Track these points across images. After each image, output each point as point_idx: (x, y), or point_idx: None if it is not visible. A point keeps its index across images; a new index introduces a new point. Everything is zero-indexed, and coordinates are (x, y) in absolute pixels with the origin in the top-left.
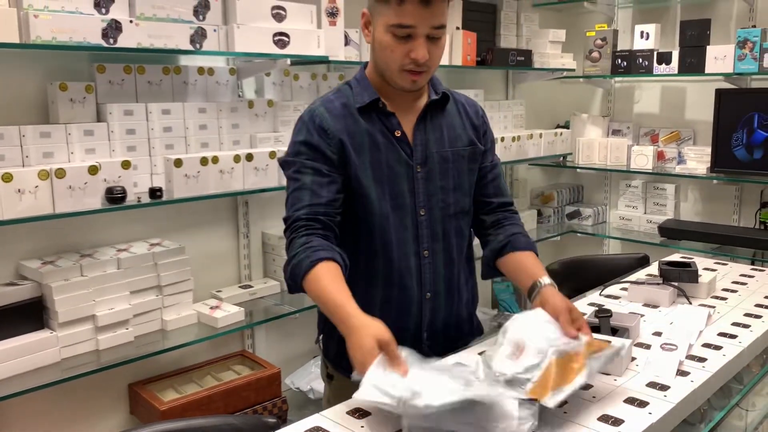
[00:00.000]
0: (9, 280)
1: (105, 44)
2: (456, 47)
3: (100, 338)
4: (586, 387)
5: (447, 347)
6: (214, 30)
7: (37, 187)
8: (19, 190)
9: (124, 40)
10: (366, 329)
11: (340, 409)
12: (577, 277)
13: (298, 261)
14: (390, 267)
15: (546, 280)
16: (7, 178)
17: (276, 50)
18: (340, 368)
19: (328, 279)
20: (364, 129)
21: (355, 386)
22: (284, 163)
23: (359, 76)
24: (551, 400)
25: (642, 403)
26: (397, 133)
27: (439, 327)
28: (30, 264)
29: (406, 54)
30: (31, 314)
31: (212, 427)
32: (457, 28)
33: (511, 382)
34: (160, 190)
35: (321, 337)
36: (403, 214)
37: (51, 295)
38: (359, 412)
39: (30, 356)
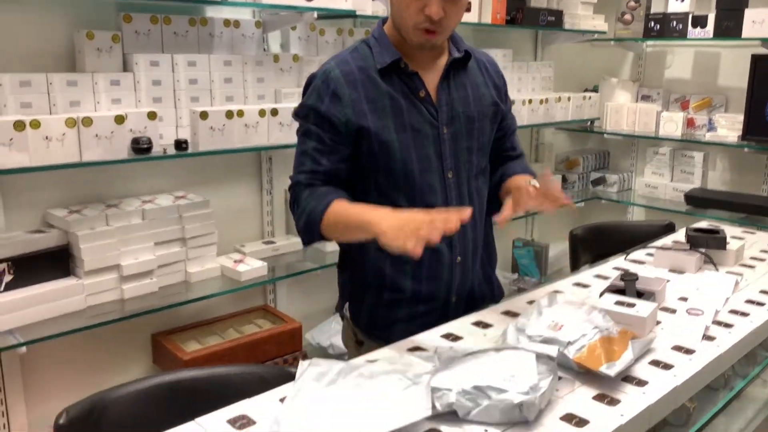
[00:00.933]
0: (36, 227)
1: None
2: (486, 4)
3: (124, 287)
4: None
5: (475, 307)
6: None
7: (64, 134)
8: (46, 138)
9: None
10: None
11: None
12: (601, 243)
13: (311, 209)
14: None
15: (521, 178)
16: (35, 124)
17: (302, 3)
18: (373, 335)
19: (345, 207)
20: (386, 92)
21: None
22: (295, 118)
23: (377, 34)
24: (611, 370)
25: (667, 366)
26: (421, 94)
27: (467, 290)
28: (57, 212)
29: (420, 10)
30: (58, 262)
31: (236, 376)
32: None
33: (548, 341)
34: (185, 142)
35: (348, 305)
36: (431, 177)
37: (77, 244)
38: None
39: (56, 303)
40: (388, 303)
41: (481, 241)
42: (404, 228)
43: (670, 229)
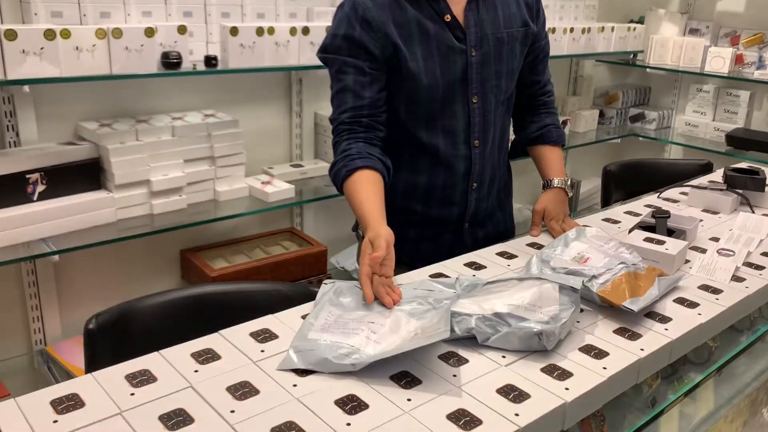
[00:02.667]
0: (68, 139)
1: None
2: None
3: (154, 203)
4: None
5: (485, 237)
6: None
7: (94, 45)
8: (77, 48)
9: None
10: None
11: None
12: (635, 180)
13: (337, 169)
14: (437, 157)
15: (556, 182)
16: (66, 34)
17: None
18: None
19: (361, 187)
20: (413, 17)
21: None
22: (325, 60)
23: None
24: (634, 305)
25: (692, 304)
26: (447, 18)
27: (481, 217)
28: (88, 125)
29: None
30: (89, 174)
31: (260, 292)
32: None
33: (573, 273)
34: (215, 58)
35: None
36: (455, 102)
37: (108, 157)
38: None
39: (87, 214)
40: (398, 223)
41: (499, 169)
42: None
43: (707, 168)
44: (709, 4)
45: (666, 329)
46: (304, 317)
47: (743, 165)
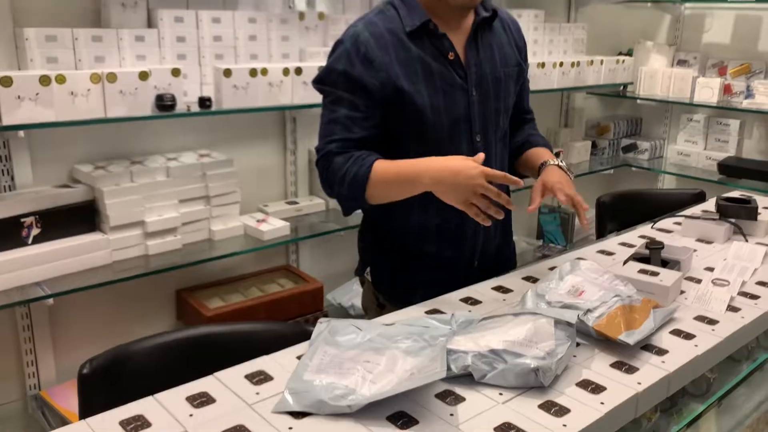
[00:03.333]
0: (63, 182)
1: None
2: None
3: (149, 244)
4: None
5: (495, 272)
6: None
7: (89, 90)
8: (72, 93)
9: None
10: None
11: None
12: (630, 210)
13: (354, 173)
14: None
15: (552, 161)
16: (61, 79)
17: None
18: (394, 299)
19: (390, 164)
20: (417, 55)
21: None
22: (320, 90)
23: None
24: (630, 338)
25: (688, 336)
26: (451, 56)
27: (490, 252)
28: (83, 168)
29: None
30: (84, 217)
31: (256, 332)
32: None
33: (569, 307)
34: (209, 99)
35: (369, 268)
36: (459, 140)
37: (103, 199)
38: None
39: (82, 257)
40: (411, 267)
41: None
42: (457, 188)
43: (700, 198)
44: (696, 36)
45: (663, 362)
46: (299, 357)
47: (735, 194)
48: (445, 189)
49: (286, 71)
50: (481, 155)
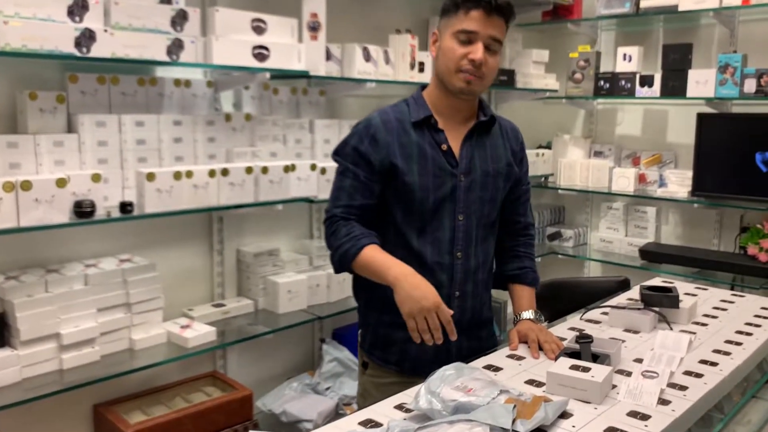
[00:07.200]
0: None
1: (78, 53)
2: None
3: (64, 357)
4: (565, 415)
5: (469, 348)
6: (192, 41)
7: (1, 199)
8: None
9: (98, 50)
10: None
11: None
12: (558, 299)
13: (345, 250)
14: (425, 263)
15: (526, 314)
16: None
17: (255, 63)
18: (374, 356)
19: (375, 254)
20: (415, 141)
21: (388, 374)
22: (335, 160)
23: (416, 96)
24: (522, 426)
25: None
26: (444, 147)
27: (464, 326)
28: None
29: (465, 55)
30: None
31: None
32: None
33: (464, 405)
34: (131, 204)
35: (360, 331)
36: (443, 217)
37: (13, 312)
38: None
39: None
40: (388, 324)
41: (483, 285)
42: (409, 300)
43: (625, 285)
44: (609, 128)
45: None
46: None
47: (657, 281)
48: (401, 294)
49: (212, 173)
50: (450, 313)
